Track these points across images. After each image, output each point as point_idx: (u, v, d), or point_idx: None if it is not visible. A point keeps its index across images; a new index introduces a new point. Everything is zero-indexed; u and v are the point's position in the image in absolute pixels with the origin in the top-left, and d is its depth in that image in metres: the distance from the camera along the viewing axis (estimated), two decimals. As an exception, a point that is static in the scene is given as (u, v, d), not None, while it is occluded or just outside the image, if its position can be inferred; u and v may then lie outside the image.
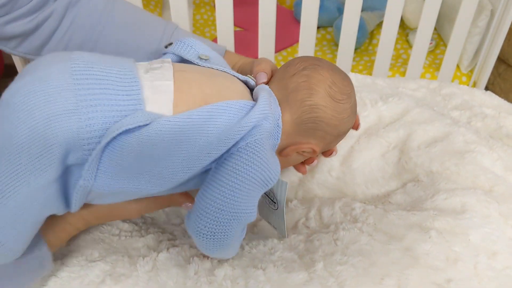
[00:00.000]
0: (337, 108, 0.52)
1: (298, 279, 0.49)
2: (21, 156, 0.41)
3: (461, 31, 1.11)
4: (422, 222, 0.52)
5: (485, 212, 0.52)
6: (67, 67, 0.43)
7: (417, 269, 0.48)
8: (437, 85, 0.72)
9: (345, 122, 0.53)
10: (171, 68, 0.48)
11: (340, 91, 0.52)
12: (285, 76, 0.53)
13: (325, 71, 0.52)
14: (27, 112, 0.41)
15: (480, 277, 0.48)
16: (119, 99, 0.43)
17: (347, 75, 0.55)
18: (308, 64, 0.53)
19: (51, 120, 0.41)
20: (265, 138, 0.47)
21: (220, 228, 0.45)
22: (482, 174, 0.57)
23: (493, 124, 0.66)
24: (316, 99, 0.51)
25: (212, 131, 0.45)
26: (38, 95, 0.41)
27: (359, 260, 0.49)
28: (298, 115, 0.51)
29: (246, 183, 0.45)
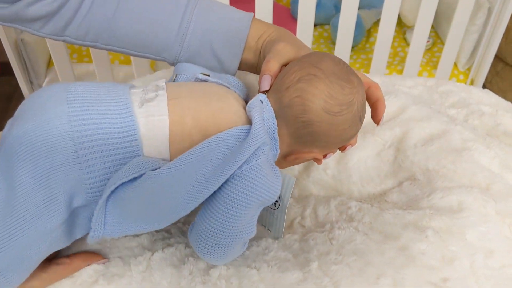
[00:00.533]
0: (334, 121, 0.49)
1: (292, 278, 0.48)
2: (27, 203, 0.43)
3: (459, 29, 1.11)
4: (418, 221, 0.52)
5: (482, 210, 0.52)
6: (65, 111, 0.45)
7: (413, 269, 0.47)
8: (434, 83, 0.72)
9: (346, 131, 0.50)
10: (165, 98, 0.48)
11: (338, 102, 0.48)
12: (281, 88, 0.50)
13: (321, 83, 0.48)
14: (30, 163, 0.43)
15: (477, 276, 0.47)
16: (117, 142, 0.45)
17: (349, 79, 0.50)
18: (304, 73, 0.49)
19: (54, 170, 0.43)
20: (261, 162, 0.46)
21: (219, 247, 0.47)
22: (479, 172, 0.57)
23: (491, 122, 0.65)
24: (309, 115, 0.48)
25: (208, 167, 0.45)
26: (40, 145, 0.43)
27: (354, 260, 0.49)
28: (293, 130, 0.50)
29: (242, 210, 0.45)
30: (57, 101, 0.46)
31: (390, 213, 0.55)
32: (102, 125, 0.45)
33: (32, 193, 0.43)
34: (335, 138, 0.51)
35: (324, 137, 0.50)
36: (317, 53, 0.53)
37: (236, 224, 0.46)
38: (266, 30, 0.60)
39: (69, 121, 0.44)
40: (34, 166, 0.43)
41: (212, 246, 0.46)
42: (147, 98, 0.48)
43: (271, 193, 0.47)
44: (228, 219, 0.45)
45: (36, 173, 0.43)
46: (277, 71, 0.53)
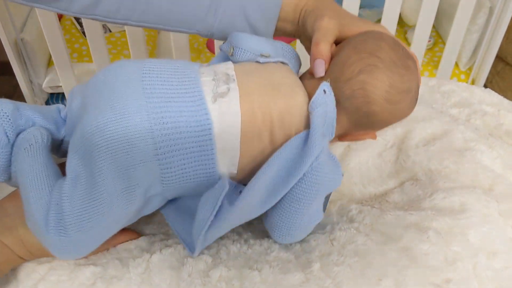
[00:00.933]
0: (395, 109, 0.51)
1: (294, 280, 0.48)
2: (107, 191, 0.45)
3: (460, 28, 1.10)
4: (419, 222, 0.51)
5: (484, 211, 0.52)
6: (143, 107, 0.46)
7: (415, 270, 0.47)
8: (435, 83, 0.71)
9: (405, 114, 0.54)
10: (237, 94, 0.48)
11: (398, 91, 0.50)
12: (340, 78, 0.51)
13: (382, 74, 0.49)
14: (110, 156, 0.45)
15: (480, 277, 0.47)
16: (193, 140, 0.46)
17: (407, 65, 0.51)
18: (363, 65, 0.50)
19: (134, 165, 0.45)
20: (321, 161, 0.48)
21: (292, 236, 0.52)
22: (481, 172, 0.56)
23: (493, 121, 0.65)
24: (373, 107, 0.50)
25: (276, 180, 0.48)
26: (120, 141, 0.45)
27: (356, 261, 0.48)
28: (355, 119, 0.52)
29: (309, 205, 0.49)
30: (135, 91, 0.47)
31: (391, 214, 0.54)
32: (179, 123, 0.46)
33: (111, 183, 0.45)
34: (394, 121, 0.54)
35: (383, 123, 0.53)
36: (370, 35, 0.53)
37: (304, 216, 0.50)
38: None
39: (149, 118, 0.45)
40: (114, 160, 0.45)
41: (285, 235, 0.51)
42: (219, 92, 0.48)
43: (334, 183, 0.50)
44: (297, 214, 0.49)
45: (116, 166, 0.45)
46: (329, 54, 0.53)
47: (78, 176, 0.46)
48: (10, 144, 0.48)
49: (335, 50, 0.54)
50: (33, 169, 0.46)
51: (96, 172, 0.45)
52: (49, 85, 1.26)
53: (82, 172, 0.46)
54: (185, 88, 0.48)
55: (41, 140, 0.48)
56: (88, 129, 0.45)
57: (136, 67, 0.49)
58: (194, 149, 0.46)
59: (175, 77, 0.49)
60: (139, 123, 0.45)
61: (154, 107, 0.46)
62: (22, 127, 0.50)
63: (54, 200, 0.45)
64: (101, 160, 0.45)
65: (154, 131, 0.45)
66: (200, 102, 0.47)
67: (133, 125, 0.45)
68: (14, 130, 0.49)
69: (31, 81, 1.27)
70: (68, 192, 0.45)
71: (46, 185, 0.46)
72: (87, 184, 0.45)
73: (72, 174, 0.46)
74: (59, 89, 1.27)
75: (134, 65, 0.49)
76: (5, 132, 0.48)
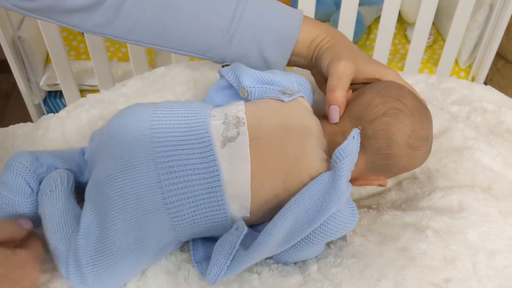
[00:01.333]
0: (412, 155, 0.52)
1: (293, 282, 0.47)
2: (119, 242, 0.45)
3: (460, 25, 1.10)
4: (417, 222, 0.51)
5: (483, 210, 0.51)
6: (151, 156, 0.46)
7: (414, 269, 0.46)
8: (435, 80, 0.71)
9: (419, 163, 0.54)
10: (247, 139, 0.48)
11: (419, 137, 0.51)
12: (364, 118, 0.51)
13: (406, 118, 0.50)
14: (120, 206, 0.45)
15: (479, 276, 0.46)
16: (202, 188, 0.46)
17: (427, 115, 0.53)
18: (388, 108, 0.51)
19: (144, 215, 0.45)
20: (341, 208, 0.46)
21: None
22: (480, 171, 0.56)
23: (493, 119, 0.64)
24: (394, 149, 0.50)
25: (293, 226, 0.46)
26: (129, 192, 0.45)
27: (354, 262, 0.48)
28: (372, 160, 0.51)
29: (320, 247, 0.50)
30: (144, 140, 0.47)
31: (388, 215, 0.54)
32: (187, 171, 0.46)
33: (123, 234, 0.45)
34: (407, 169, 0.54)
35: (398, 169, 0.53)
36: (392, 83, 0.54)
37: (310, 252, 0.49)
38: (318, 34, 0.59)
39: (156, 168, 0.46)
40: (124, 210, 0.45)
41: (286, 261, 0.50)
42: (229, 137, 0.48)
43: (348, 228, 0.48)
44: (304, 251, 0.48)
45: (126, 216, 0.45)
46: (345, 100, 0.54)
47: (91, 226, 0.46)
48: (34, 193, 0.50)
49: (354, 95, 0.55)
50: (53, 215, 0.48)
51: (109, 222, 0.45)
52: (47, 83, 1.26)
53: (94, 222, 0.46)
54: (194, 134, 0.48)
55: (60, 184, 0.50)
56: (100, 180, 0.47)
57: (148, 113, 0.50)
58: (203, 196, 0.46)
59: (185, 122, 0.49)
60: (146, 174, 0.46)
61: (162, 156, 0.46)
62: (44, 175, 0.51)
63: (72, 248, 0.46)
64: (112, 211, 0.45)
65: (161, 181, 0.45)
66: (208, 148, 0.47)
67: (140, 176, 0.46)
68: (35, 179, 0.50)
69: (29, 79, 1.27)
70: (82, 243, 0.45)
71: (64, 232, 0.47)
72: (100, 234, 0.45)
73: (85, 224, 0.46)
74: (57, 87, 1.26)
75: (146, 111, 0.50)
76: (28, 183, 0.50)
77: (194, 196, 0.46)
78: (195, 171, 0.46)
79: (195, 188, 0.46)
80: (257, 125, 0.49)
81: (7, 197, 0.49)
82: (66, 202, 0.49)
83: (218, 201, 0.46)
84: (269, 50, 0.59)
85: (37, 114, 1.32)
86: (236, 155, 0.47)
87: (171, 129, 0.48)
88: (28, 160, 0.50)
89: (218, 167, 0.46)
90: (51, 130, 0.62)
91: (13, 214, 0.50)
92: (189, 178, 0.46)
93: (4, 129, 0.66)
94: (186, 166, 0.46)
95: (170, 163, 0.46)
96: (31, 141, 0.61)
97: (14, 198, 0.49)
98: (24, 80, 1.24)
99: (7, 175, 0.50)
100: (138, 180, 0.46)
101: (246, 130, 0.48)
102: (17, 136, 0.63)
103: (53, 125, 0.62)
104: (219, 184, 0.46)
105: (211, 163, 0.46)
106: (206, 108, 0.52)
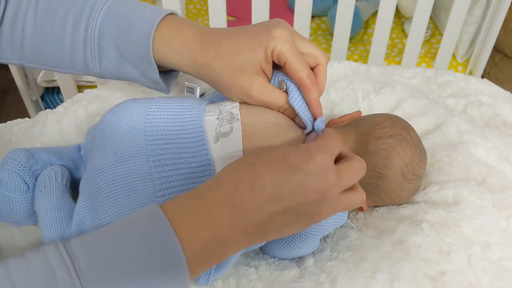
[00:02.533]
0: (402, 185, 0.52)
1: (289, 276, 0.48)
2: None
3: (457, 19, 1.10)
4: (413, 215, 0.51)
5: (478, 203, 0.51)
6: (144, 150, 0.46)
7: (409, 262, 0.47)
8: (432, 73, 0.71)
9: (403, 198, 0.54)
10: (240, 134, 0.47)
11: (413, 171, 0.52)
12: (370, 135, 0.52)
13: (408, 148, 0.52)
14: (112, 198, 0.45)
15: (475, 268, 0.47)
16: (194, 181, 0.45)
17: (425, 155, 0.54)
18: (396, 132, 0.52)
19: (135, 207, 0.44)
20: None
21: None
22: (474, 166, 0.56)
23: (489, 112, 0.64)
24: (388, 171, 0.51)
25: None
26: (120, 184, 0.45)
27: (350, 255, 0.48)
28: (364, 177, 0.50)
29: (313, 242, 0.49)
30: (137, 134, 0.47)
31: (384, 209, 0.54)
32: (180, 165, 0.46)
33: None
34: (390, 199, 0.54)
35: (384, 194, 0.53)
36: (401, 118, 0.55)
37: (304, 249, 0.49)
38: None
39: (148, 161, 0.46)
40: (116, 203, 0.45)
41: (280, 257, 0.51)
42: (222, 132, 0.48)
43: (335, 225, 0.49)
44: (297, 248, 0.49)
45: (118, 209, 0.45)
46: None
47: (83, 219, 0.46)
48: (30, 189, 0.51)
49: (364, 116, 0.56)
50: (47, 211, 0.48)
51: (101, 215, 0.45)
52: (44, 79, 1.25)
53: (87, 215, 0.46)
54: (188, 129, 0.48)
55: (55, 180, 0.50)
56: (92, 172, 0.47)
57: (141, 108, 0.49)
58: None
59: (178, 117, 0.49)
60: (138, 167, 0.46)
61: (154, 149, 0.46)
62: (39, 171, 0.52)
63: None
64: (104, 204, 0.45)
65: (153, 174, 0.45)
66: (201, 142, 0.47)
67: (133, 168, 0.46)
68: (31, 176, 0.51)
69: (26, 75, 1.27)
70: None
71: (58, 228, 0.47)
72: (92, 227, 0.45)
73: (77, 217, 0.46)
74: (54, 83, 1.26)
75: (140, 106, 0.50)
76: (23, 179, 0.50)
77: (185, 190, 0.45)
78: (187, 165, 0.46)
79: (187, 182, 0.46)
80: (251, 122, 0.49)
81: (3, 194, 0.50)
82: (61, 197, 0.49)
83: None
84: (131, 58, 0.52)
85: (35, 110, 1.32)
86: (229, 150, 0.47)
87: (165, 123, 0.48)
88: (23, 157, 0.51)
89: (210, 161, 0.46)
90: (48, 126, 0.62)
91: (10, 211, 0.50)
92: (181, 172, 0.46)
93: (2, 125, 0.66)
94: (179, 160, 0.46)
95: (162, 156, 0.46)
96: (29, 137, 0.61)
97: (11, 195, 0.50)
98: (22, 76, 1.24)
99: (3, 173, 0.50)
100: (130, 172, 0.46)
101: (240, 126, 0.48)
102: (15, 132, 0.63)
103: (50, 121, 0.62)
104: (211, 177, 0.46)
105: (203, 157, 0.46)
106: (200, 103, 0.51)
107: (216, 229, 0.37)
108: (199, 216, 0.37)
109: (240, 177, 0.38)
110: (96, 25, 0.52)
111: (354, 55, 1.27)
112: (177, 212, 0.37)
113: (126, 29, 0.51)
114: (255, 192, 0.37)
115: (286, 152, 0.39)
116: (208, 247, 0.37)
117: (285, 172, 0.37)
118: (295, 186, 0.37)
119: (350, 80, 0.67)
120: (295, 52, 0.47)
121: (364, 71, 0.70)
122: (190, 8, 1.41)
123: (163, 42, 0.50)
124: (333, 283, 0.45)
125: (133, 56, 0.52)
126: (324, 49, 1.29)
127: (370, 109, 0.64)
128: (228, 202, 0.37)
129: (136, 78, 0.54)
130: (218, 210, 0.37)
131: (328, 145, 0.40)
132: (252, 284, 0.46)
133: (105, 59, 0.53)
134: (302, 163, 0.38)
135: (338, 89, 0.66)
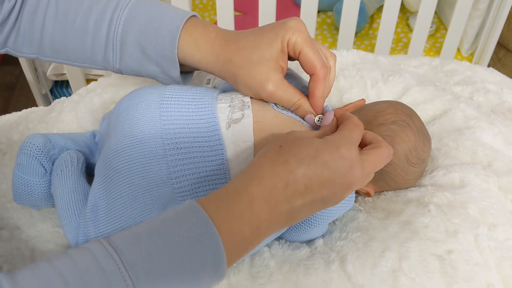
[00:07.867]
0: (407, 169, 0.53)
1: (301, 254, 0.49)
2: (125, 214, 0.47)
3: (462, 14, 1.11)
4: (420, 198, 0.53)
5: (484, 186, 0.53)
6: (159, 133, 0.48)
7: (417, 242, 0.48)
8: (439, 62, 0.72)
9: (409, 182, 0.55)
10: (251, 121, 0.49)
11: (417, 155, 0.53)
12: (373, 122, 0.53)
13: (411, 134, 0.53)
14: (128, 180, 0.47)
15: (481, 248, 0.48)
16: (206, 165, 0.47)
17: (430, 140, 0.55)
18: (398, 119, 0.54)
19: (149, 189, 0.47)
20: None
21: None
22: (480, 149, 0.57)
23: (495, 99, 0.66)
24: (393, 157, 0.51)
25: None
26: (136, 166, 0.47)
27: (359, 236, 0.50)
28: None
29: (322, 226, 0.51)
30: (152, 118, 0.49)
31: (391, 192, 0.56)
32: (193, 148, 0.48)
33: (129, 206, 0.47)
34: (395, 184, 0.55)
35: (390, 179, 0.54)
36: (407, 106, 0.56)
37: (318, 234, 0.52)
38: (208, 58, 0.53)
39: (163, 144, 0.47)
40: (131, 184, 0.47)
41: (291, 239, 0.52)
42: (234, 119, 0.49)
43: (343, 210, 0.51)
44: (311, 233, 0.51)
45: (133, 190, 0.47)
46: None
47: (98, 200, 0.48)
48: (47, 173, 0.52)
49: (368, 104, 0.57)
50: (63, 193, 0.50)
51: (116, 196, 0.47)
52: (54, 73, 1.27)
53: (102, 196, 0.48)
54: (201, 115, 0.50)
55: (70, 164, 0.52)
56: (109, 154, 0.48)
57: (157, 94, 0.51)
58: (207, 173, 0.47)
59: (192, 104, 0.51)
60: (153, 149, 0.47)
61: (169, 132, 0.48)
62: (56, 156, 0.54)
63: (82, 224, 0.48)
64: (120, 185, 0.47)
65: (167, 156, 0.47)
66: (213, 128, 0.49)
67: (148, 150, 0.47)
68: (48, 160, 0.53)
69: (36, 69, 1.28)
70: (90, 217, 0.48)
71: (74, 209, 0.49)
72: (107, 208, 0.47)
73: (93, 198, 0.48)
74: (63, 76, 1.28)
75: (155, 92, 0.51)
76: (41, 163, 0.52)
77: (198, 173, 0.47)
78: (201, 149, 0.48)
79: (200, 165, 0.47)
80: (261, 110, 0.51)
81: (22, 177, 0.51)
82: (76, 181, 0.51)
83: (221, 178, 0.48)
84: (154, 56, 0.54)
85: (44, 103, 1.33)
86: (240, 135, 0.49)
87: (179, 109, 0.50)
88: (41, 142, 0.52)
89: (222, 145, 0.48)
90: (64, 113, 0.63)
91: (29, 193, 0.52)
92: (195, 155, 0.47)
93: (18, 114, 0.67)
94: (192, 144, 0.48)
95: (177, 140, 0.48)
96: (45, 124, 0.63)
97: (29, 178, 0.51)
98: (31, 70, 1.26)
99: (21, 157, 0.52)
100: (146, 154, 0.47)
101: (251, 113, 0.50)
102: (31, 119, 0.64)
103: (66, 108, 0.64)
104: (223, 162, 0.48)
105: (216, 141, 0.48)
106: (213, 92, 0.53)
107: (256, 225, 0.40)
108: (241, 213, 0.39)
109: (275, 175, 0.40)
110: (120, 22, 0.54)
111: (360, 49, 1.28)
112: (218, 209, 0.39)
113: (151, 27, 0.53)
114: (289, 190, 0.40)
115: (316, 148, 0.41)
116: (247, 242, 0.40)
117: (316, 170, 0.40)
118: (325, 181, 0.40)
119: (358, 68, 0.68)
120: (310, 43, 0.49)
121: (372, 59, 0.71)
122: (197, 3, 1.42)
123: (188, 41, 0.53)
124: (342, 261, 0.47)
125: (156, 54, 0.54)
126: (330, 43, 1.30)
127: (378, 96, 0.65)
128: (267, 199, 0.40)
129: (156, 75, 0.56)
130: (258, 207, 0.40)
131: (353, 136, 0.43)
132: (266, 261, 0.48)
133: (127, 56, 0.55)
134: (332, 161, 0.41)
135: (347, 77, 0.67)
